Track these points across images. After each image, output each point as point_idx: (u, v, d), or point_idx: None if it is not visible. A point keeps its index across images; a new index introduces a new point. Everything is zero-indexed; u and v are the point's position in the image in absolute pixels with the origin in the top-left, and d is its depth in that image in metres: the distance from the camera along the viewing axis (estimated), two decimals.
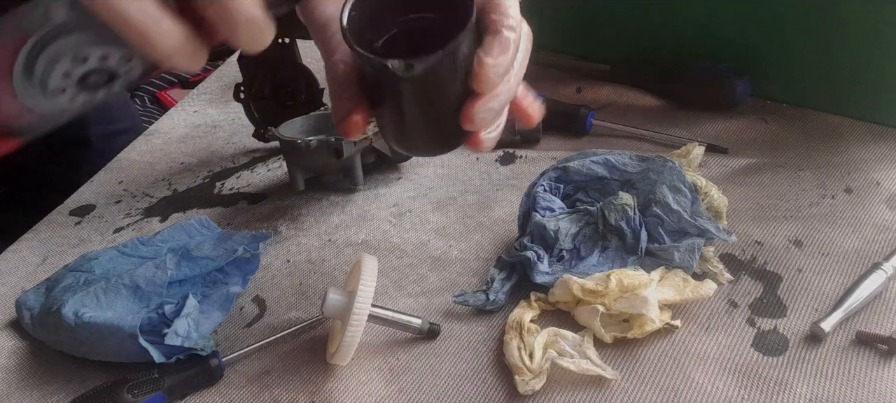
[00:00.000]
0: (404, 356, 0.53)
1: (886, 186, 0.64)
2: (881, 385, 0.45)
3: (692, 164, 0.66)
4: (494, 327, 0.55)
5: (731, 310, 0.53)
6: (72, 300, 0.55)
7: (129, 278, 0.56)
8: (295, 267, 0.66)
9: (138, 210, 0.80)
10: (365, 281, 0.49)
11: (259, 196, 0.79)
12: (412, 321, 0.54)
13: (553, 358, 0.48)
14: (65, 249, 0.74)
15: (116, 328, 0.52)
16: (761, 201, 0.65)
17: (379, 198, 0.75)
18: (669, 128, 0.78)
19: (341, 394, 0.51)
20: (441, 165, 0.80)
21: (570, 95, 0.90)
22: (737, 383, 0.47)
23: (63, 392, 0.54)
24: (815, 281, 0.54)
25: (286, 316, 0.59)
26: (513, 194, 0.71)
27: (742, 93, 0.80)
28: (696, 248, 0.54)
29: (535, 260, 0.56)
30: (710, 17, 0.82)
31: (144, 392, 0.50)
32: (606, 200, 0.58)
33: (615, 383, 0.48)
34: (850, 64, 0.74)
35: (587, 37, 0.97)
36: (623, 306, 0.50)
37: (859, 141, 0.72)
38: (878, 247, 0.57)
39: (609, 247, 0.57)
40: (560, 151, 0.78)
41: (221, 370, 0.53)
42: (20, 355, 0.59)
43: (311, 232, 0.70)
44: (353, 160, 0.75)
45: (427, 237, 0.67)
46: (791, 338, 0.50)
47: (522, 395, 0.48)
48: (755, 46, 0.80)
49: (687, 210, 0.56)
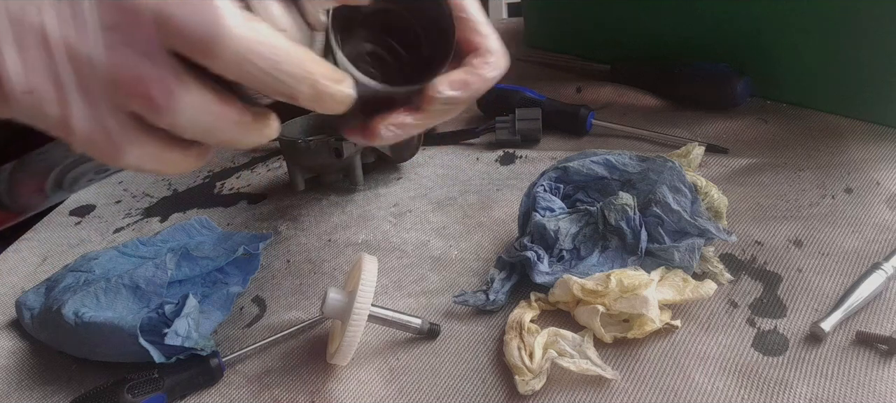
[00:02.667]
0: (404, 356, 0.53)
1: (886, 186, 0.64)
2: (881, 386, 0.45)
3: (692, 164, 0.66)
4: (494, 327, 0.55)
5: (731, 310, 0.53)
6: (72, 300, 0.55)
7: (129, 278, 0.56)
8: (295, 267, 0.66)
9: (138, 210, 0.80)
10: (365, 281, 0.49)
11: (259, 196, 0.79)
12: (412, 321, 0.54)
13: (553, 358, 0.48)
14: (65, 249, 0.74)
15: (116, 328, 0.52)
16: (761, 201, 0.65)
17: (379, 198, 0.75)
18: (669, 128, 0.78)
19: (341, 394, 0.51)
20: (441, 165, 0.80)
21: (570, 95, 0.90)
22: (737, 383, 0.47)
23: (63, 392, 0.54)
24: (815, 281, 0.54)
25: (286, 316, 0.59)
26: (513, 194, 0.71)
27: (742, 93, 0.80)
28: (696, 248, 0.54)
29: (535, 260, 0.56)
30: (710, 16, 0.82)
31: (144, 392, 0.50)
32: (606, 200, 0.58)
33: (615, 383, 0.48)
34: (851, 64, 0.74)
35: (587, 37, 0.97)
36: (623, 306, 0.50)
37: (859, 141, 0.72)
38: (878, 247, 0.57)
39: (609, 247, 0.57)
40: (560, 151, 0.78)
41: (221, 370, 0.53)
42: (20, 355, 0.59)
43: (311, 232, 0.70)
44: (353, 160, 0.75)
45: (427, 237, 0.67)
46: (791, 338, 0.50)
47: (522, 395, 0.48)
48: (755, 46, 0.80)
49: (687, 210, 0.56)
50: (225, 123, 0.31)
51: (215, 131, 0.31)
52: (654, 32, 0.89)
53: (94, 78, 0.28)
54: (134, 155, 0.30)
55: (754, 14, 0.79)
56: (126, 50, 0.28)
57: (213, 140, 0.32)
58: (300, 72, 0.31)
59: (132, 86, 0.28)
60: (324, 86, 0.32)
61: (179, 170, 0.33)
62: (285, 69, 0.30)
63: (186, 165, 0.33)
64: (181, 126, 0.30)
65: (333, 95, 0.33)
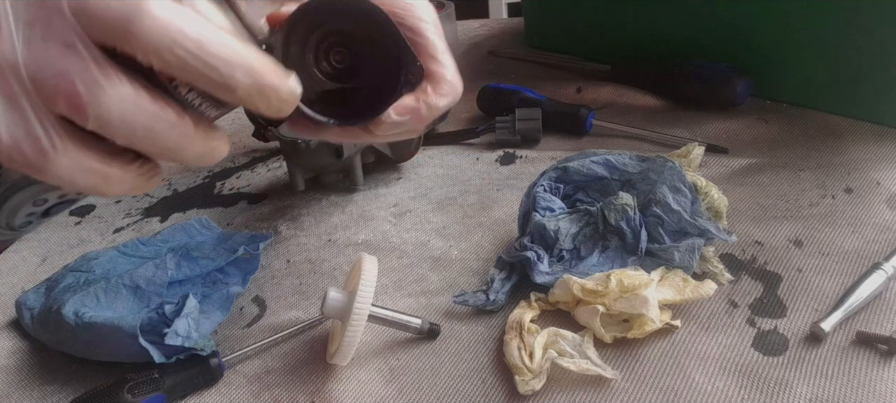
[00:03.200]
0: (404, 356, 0.53)
1: (886, 186, 0.64)
2: (881, 386, 0.45)
3: (692, 164, 0.66)
4: (494, 327, 0.55)
5: (731, 310, 0.53)
6: (72, 300, 0.55)
7: (130, 278, 0.56)
8: (295, 267, 0.66)
9: (138, 210, 0.80)
10: (365, 281, 0.49)
11: (259, 196, 0.79)
12: (412, 321, 0.54)
13: (553, 358, 0.48)
14: (65, 249, 0.74)
15: (116, 328, 0.52)
16: (761, 201, 0.65)
17: (379, 198, 0.75)
18: (669, 128, 0.78)
19: (341, 394, 0.51)
20: (441, 165, 0.80)
21: (570, 95, 0.90)
22: (737, 383, 0.47)
23: (63, 392, 0.54)
24: (815, 281, 0.54)
25: (286, 316, 0.59)
26: (513, 194, 0.71)
27: (742, 93, 0.80)
28: (696, 248, 0.54)
29: (535, 260, 0.56)
30: (710, 16, 0.83)
31: (144, 392, 0.50)
32: (606, 200, 0.58)
33: (615, 383, 0.48)
34: (851, 64, 0.74)
35: (587, 37, 0.98)
36: (623, 306, 0.50)
37: (859, 141, 0.72)
38: (878, 247, 0.57)
39: (609, 247, 0.57)
40: (560, 151, 0.78)
41: (221, 370, 0.53)
42: (20, 355, 0.59)
43: (311, 232, 0.70)
44: (353, 160, 0.75)
45: (427, 237, 0.67)
46: (791, 338, 0.50)
47: (522, 395, 0.48)
48: (755, 46, 0.80)
49: (687, 210, 0.56)
50: (161, 125, 0.29)
51: (152, 135, 0.29)
52: (654, 32, 0.89)
53: (16, 78, 0.27)
54: (64, 164, 0.28)
55: (754, 14, 0.79)
56: (46, 44, 0.27)
57: (151, 147, 0.30)
58: (233, 57, 0.29)
59: (55, 82, 0.27)
60: (265, 78, 0.30)
61: (122, 190, 0.30)
62: (215, 52, 0.29)
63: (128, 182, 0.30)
64: (112, 126, 0.28)
65: (278, 88, 0.31)
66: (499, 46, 1.10)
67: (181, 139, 0.30)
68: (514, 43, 1.11)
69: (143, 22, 0.27)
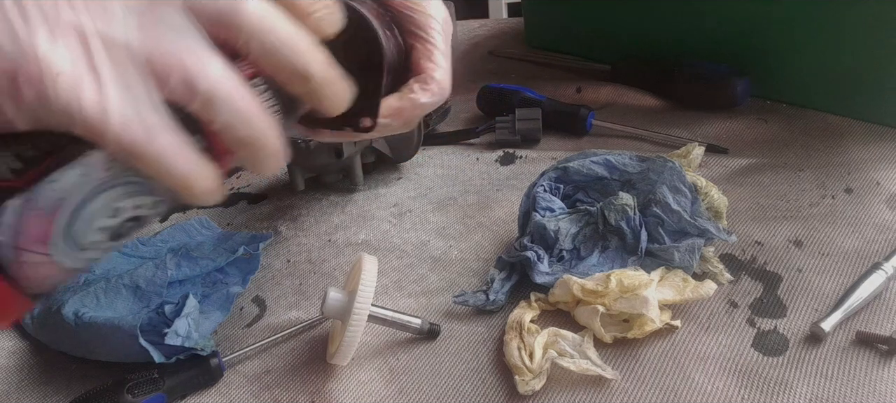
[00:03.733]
0: (404, 356, 0.53)
1: (886, 186, 0.64)
2: (881, 386, 0.45)
3: (692, 164, 0.66)
4: (494, 327, 0.55)
5: (731, 310, 0.53)
6: (72, 300, 0.55)
7: (130, 278, 0.56)
8: (295, 267, 0.66)
9: None
10: (365, 281, 0.49)
11: (259, 196, 0.79)
12: (412, 321, 0.54)
13: (553, 358, 0.48)
14: None
15: (116, 328, 0.52)
16: (761, 201, 0.65)
17: (379, 198, 0.75)
18: (669, 128, 0.78)
19: (341, 394, 0.51)
20: (441, 165, 0.80)
21: (570, 95, 0.90)
22: (737, 383, 0.47)
23: (63, 392, 0.54)
24: (815, 281, 0.54)
25: (286, 316, 0.59)
26: (513, 194, 0.71)
27: (742, 93, 0.80)
28: (696, 248, 0.54)
29: (535, 260, 0.56)
30: (710, 17, 0.83)
31: (144, 393, 0.50)
32: (606, 200, 0.58)
33: (615, 383, 0.48)
34: (850, 64, 0.74)
35: (587, 37, 0.98)
36: (623, 306, 0.50)
37: (859, 141, 0.72)
38: (878, 247, 0.57)
39: (609, 247, 0.57)
40: (560, 151, 0.78)
41: (221, 370, 0.53)
42: (20, 355, 0.59)
43: (311, 232, 0.70)
44: (353, 160, 0.75)
45: (427, 237, 0.67)
46: (791, 338, 0.50)
47: (522, 395, 0.48)
48: (755, 46, 0.80)
49: (687, 210, 0.56)
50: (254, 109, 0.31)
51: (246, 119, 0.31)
52: (654, 32, 0.89)
53: (129, 59, 0.29)
54: (165, 143, 0.29)
55: (754, 14, 0.79)
56: (159, 27, 0.29)
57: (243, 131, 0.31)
58: (310, 50, 0.32)
59: (168, 60, 0.29)
60: (332, 70, 0.33)
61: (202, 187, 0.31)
62: (298, 43, 0.32)
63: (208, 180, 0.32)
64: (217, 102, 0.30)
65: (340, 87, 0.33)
66: (499, 46, 1.10)
67: (268, 128, 0.32)
68: (514, 43, 1.11)
69: (246, 10, 0.30)
